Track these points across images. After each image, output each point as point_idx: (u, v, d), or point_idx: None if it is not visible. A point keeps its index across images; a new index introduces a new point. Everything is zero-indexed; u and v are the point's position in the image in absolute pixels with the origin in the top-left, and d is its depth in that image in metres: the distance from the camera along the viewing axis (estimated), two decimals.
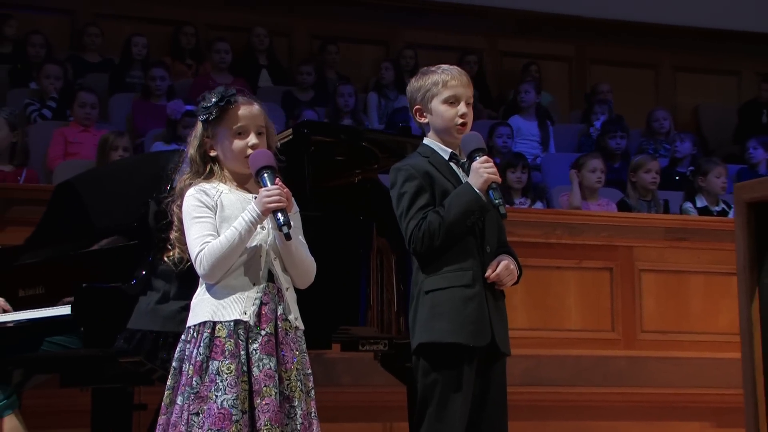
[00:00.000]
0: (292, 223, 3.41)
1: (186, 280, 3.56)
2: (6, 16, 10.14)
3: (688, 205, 8.35)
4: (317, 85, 10.42)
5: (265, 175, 3.46)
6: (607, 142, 9.28)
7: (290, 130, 4.28)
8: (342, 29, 11.51)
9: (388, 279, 4.39)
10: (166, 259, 3.60)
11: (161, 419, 3.44)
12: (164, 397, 3.46)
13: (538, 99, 10.25)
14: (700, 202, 8.36)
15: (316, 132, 4.43)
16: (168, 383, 3.46)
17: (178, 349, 3.47)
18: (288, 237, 3.40)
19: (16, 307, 4.30)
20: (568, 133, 10.42)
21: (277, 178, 3.46)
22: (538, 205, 8.16)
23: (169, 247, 3.60)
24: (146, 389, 4.49)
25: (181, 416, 3.37)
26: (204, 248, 3.44)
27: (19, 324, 3.99)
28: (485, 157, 3.80)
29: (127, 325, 3.72)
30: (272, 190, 3.42)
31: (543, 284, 6.93)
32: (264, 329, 3.43)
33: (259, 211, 3.42)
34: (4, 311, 4.18)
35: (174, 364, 3.47)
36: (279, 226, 3.39)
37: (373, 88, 10.63)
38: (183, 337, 3.48)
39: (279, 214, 3.39)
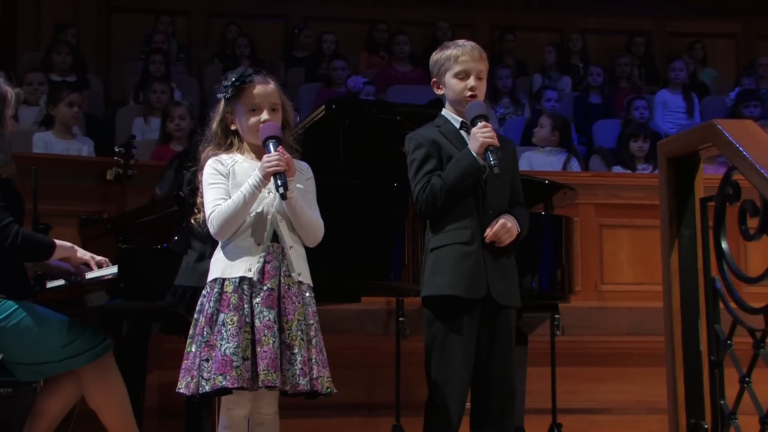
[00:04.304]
0: (289, 186, 3.36)
1: None
2: (228, 23, 10.56)
3: None
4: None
5: (270, 143, 3.41)
6: (742, 111, 8.78)
7: (323, 107, 4.24)
8: (519, 19, 11.37)
9: None
10: (193, 221, 3.59)
11: (183, 364, 3.43)
12: (186, 346, 3.45)
13: (689, 74, 9.78)
14: None
15: (344, 107, 4.36)
16: (189, 333, 3.45)
17: (198, 303, 3.47)
18: (284, 197, 3.36)
19: None
20: (722, 104, 9.90)
21: (280, 146, 3.41)
22: None
23: (196, 211, 3.59)
24: None
25: (194, 362, 3.38)
26: (215, 210, 3.43)
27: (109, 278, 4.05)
28: (483, 123, 3.69)
29: (160, 281, 3.77)
30: (272, 156, 3.37)
31: (648, 242, 6.60)
32: (266, 284, 3.39)
33: (261, 176, 3.40)
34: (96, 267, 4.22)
35: (195, 316, 3.46)
36: (276, 188, 3.36)
37: (538, 70, 10.46)
38: (203, 292, 3.47)
39: (277, 178, 3.37)
